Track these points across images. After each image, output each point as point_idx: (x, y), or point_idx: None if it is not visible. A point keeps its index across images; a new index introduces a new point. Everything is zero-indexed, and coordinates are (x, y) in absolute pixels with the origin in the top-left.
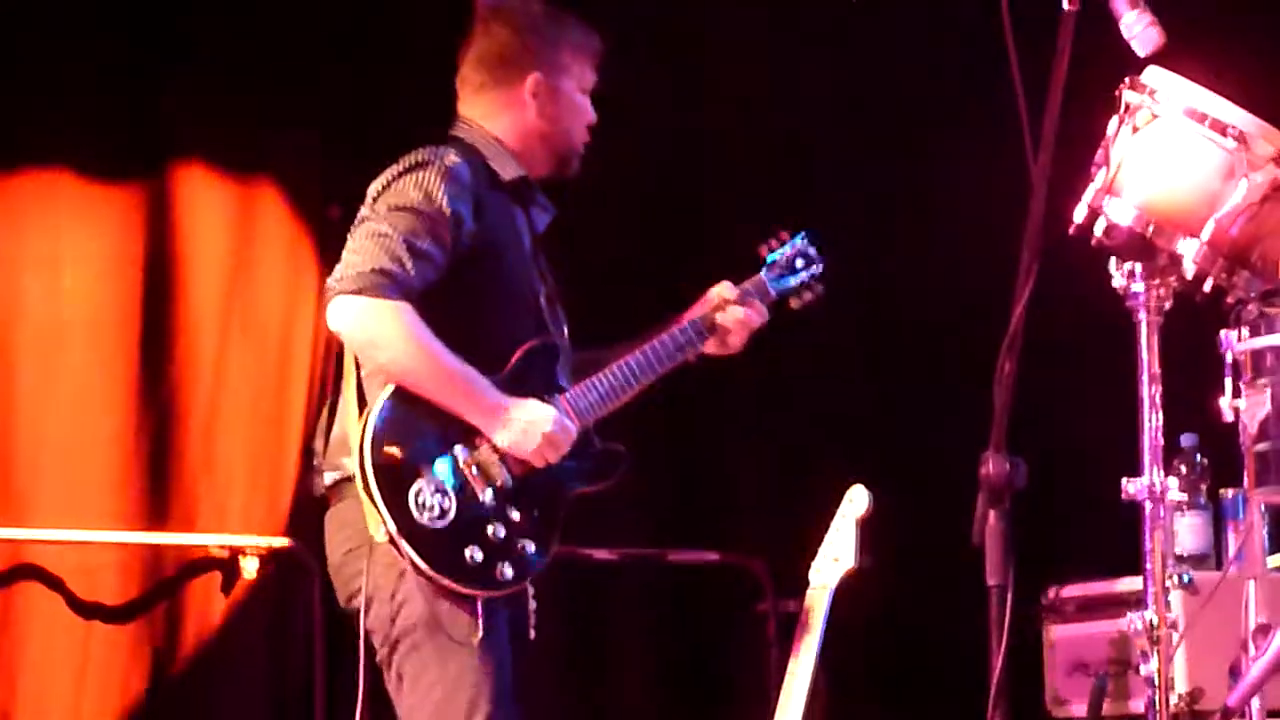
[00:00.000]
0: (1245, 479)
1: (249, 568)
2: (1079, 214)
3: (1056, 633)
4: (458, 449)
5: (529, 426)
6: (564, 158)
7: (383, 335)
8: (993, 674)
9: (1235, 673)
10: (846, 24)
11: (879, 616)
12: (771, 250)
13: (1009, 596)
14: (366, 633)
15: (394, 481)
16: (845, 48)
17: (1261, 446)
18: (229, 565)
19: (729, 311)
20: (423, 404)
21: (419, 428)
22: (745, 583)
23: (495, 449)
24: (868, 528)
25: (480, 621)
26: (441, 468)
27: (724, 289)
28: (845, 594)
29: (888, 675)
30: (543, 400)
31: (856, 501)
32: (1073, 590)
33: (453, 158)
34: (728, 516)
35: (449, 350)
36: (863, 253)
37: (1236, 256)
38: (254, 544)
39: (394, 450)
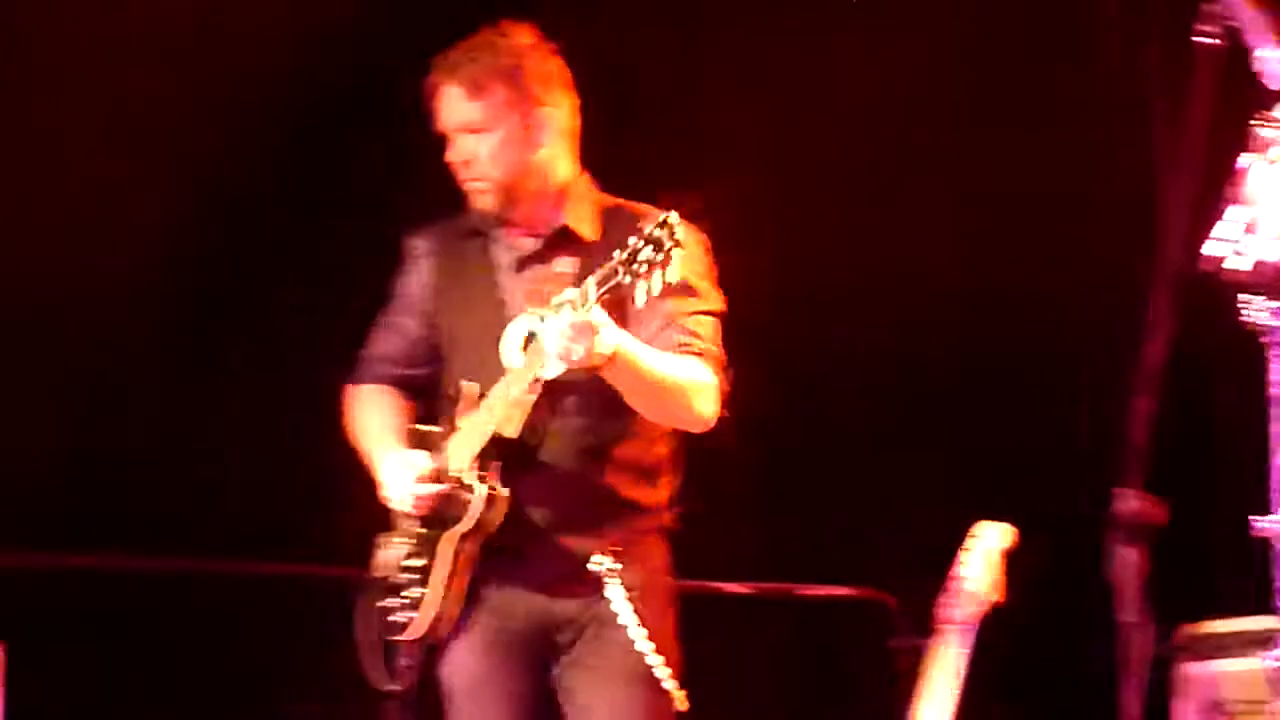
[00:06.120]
0: None
1: None
2: (1213, 249)
3: (1190, 671)
4: None
5: None
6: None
7: None
8: (1124, 712)
9: None
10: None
11: (1013, 653)
12: None
13: (1143, 634)
14: None
15: None
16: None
17: None
18: None
19: None
20: None
21: None
22: (879, 618)
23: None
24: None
25: None
26: None
27: None
28: (980, 629)
29: (1022, 712)
30: None
31: (984, 537)
32: (1208, 628)
33: None
34: (858, 549)
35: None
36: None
37: None
38: None
39: None
